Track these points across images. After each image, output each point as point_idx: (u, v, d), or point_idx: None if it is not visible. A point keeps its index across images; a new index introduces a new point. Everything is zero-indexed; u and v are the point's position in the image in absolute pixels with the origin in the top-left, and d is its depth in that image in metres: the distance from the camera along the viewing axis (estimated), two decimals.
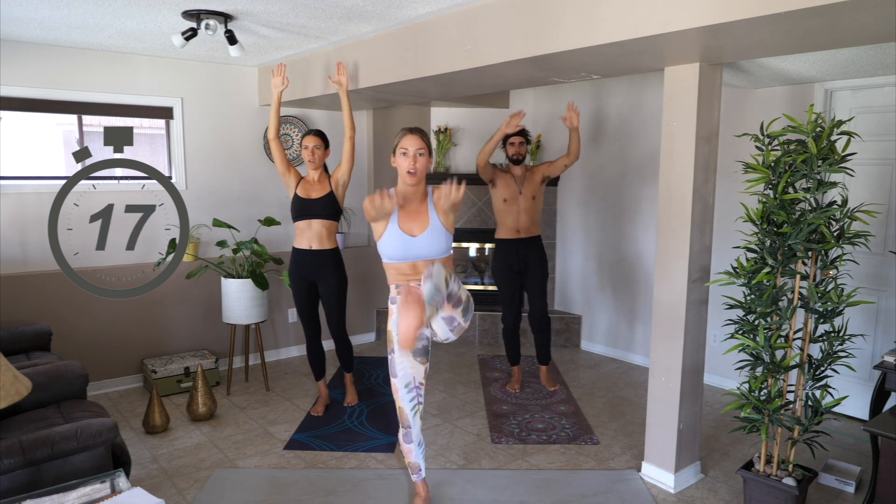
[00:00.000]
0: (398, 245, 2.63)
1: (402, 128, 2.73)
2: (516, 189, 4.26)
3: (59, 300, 4.23)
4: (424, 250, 2.64)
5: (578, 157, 4.24)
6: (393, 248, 2.64)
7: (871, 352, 3.87)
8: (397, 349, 2.74)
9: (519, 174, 4.29)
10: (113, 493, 2.03)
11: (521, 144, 4.26)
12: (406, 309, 2.41)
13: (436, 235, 2.64)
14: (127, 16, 3.42)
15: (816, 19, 2.08)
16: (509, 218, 4.29)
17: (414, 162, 2.63)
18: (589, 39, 2.60)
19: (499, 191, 4.27)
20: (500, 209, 4.32)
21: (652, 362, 3.23)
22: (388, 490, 3.14)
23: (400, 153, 2.65)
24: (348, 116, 3.83)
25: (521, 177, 4.29)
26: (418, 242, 2.63)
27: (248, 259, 4.43)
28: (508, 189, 4.26)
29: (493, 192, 4.31)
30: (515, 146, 4.26)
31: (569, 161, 4.21)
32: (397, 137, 2.70)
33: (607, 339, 5.45)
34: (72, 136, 4.49)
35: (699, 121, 2.92)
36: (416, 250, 2.63)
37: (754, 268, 2.73)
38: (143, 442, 3.67)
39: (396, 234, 2.63)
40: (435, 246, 2.64)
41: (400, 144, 2.66)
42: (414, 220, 2.65)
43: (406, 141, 2.65)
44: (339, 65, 3.82)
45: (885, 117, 3.75)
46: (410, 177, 2.63)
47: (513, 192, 4.26)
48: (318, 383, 4.19)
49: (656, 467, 3.23)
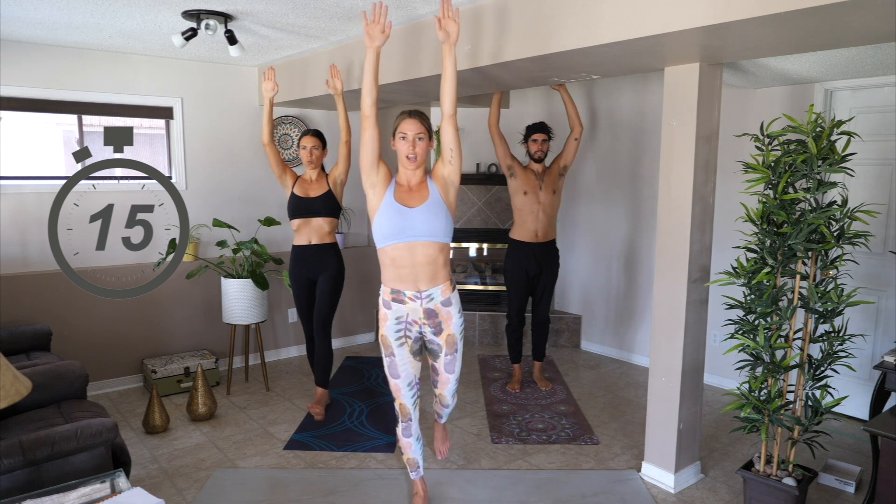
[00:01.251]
0: (393, 217, 2.54)
1: (401, 111, 2.65)
2: (537, 183, 4.19)
3: (59, 300, 4.23)
4: (421, 226, 2.55)
5: (582, 126, 4.17)
6: (387, 221, 2.55)
7: (871, 352, 3.87)
8: (398, 352, 2.72)
9: (539, 170, 4.25)
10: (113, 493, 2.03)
11: (544, 142, 4.20)
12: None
13: (434, 210, 2.56)
14: (127, 16, 3.42)
15: (816, 19, 2.08)
16: (529, 217, 4.21)
17: (413, 146, 2.56)
18: (589, 39, 2.59)
19: (518, 182, 4.19)
20: (519, 206, 4.23)
21: (652, 362, 3.23)
22: (388, 490, 3.14)
23: (399, 137, 2.60)
24: (344, 120, 3.80)
25: (542, 173, 4.25)
26: (414, 214, 2.54)
27: (248, 259, 4.43)
28: (528, 182, 4.18)
29: (512, 183, 4.22)
30: (538, 143, 4.19)
31: (576, 134, 4.16)
32: (396, 120, 2.62)
33: (607, 339, 5.45)
34: (72, 136, 4.49)
35: (699, 121, 2.92)
36: (413, 225, 2.54)
37: (754, 268, 2.73)
38: (143, 442, 3.67)
39: (391, 206, 2.55)
40: (433, 223, 2.55)
41: (399, 128, 2.60)
42: (411, 195, 2.59)
43: (405, 125, 2.58)
44: (332, 68, 3.78)
45: (885, 117, 3.75)
46: (410, 161, 2.58)
47: (533, 185, 4.18)
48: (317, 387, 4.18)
49: (656, 467, 3.23)
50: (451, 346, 2.74)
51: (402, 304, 2.65)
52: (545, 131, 4.22)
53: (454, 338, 2.73)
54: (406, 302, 2.64)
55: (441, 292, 2.66)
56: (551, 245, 4.34)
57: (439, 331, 2.71)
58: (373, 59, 2.53)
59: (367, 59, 2.53)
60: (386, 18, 2.52)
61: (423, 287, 2.62)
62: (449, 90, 2.53)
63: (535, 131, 4.21)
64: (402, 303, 2.65)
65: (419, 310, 2.65)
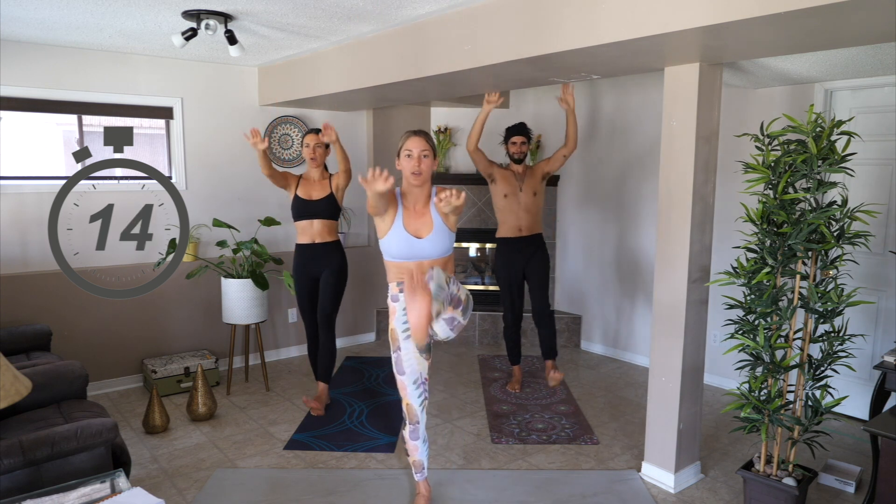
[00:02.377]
0: (403, 246, 2.66)
1: (406, 131, 2.76)
2: (517, 185, 4.23)
3: (59, 300, 4.23)
4: (429, 251, 2.67)
5: (576, 147, 4.20)
6: (397, 249, 2.67)
7: (871, 352, 3.87)
8: (404, 345, 2.75)
9: (519, 171, 4.27)
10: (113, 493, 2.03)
11: (523, 144, 4.24)
12: (413, 299, 2.36)
13: (440, 237, 2.67)
14: (127, 16, 3.42)
15: (816, 19, 2.08)
16: (510, 216, 4.26)
17: (419, 163, 2.64)
18: (589, 39, 2.59)
19: (498, 187, 4.24)
20: (500, 207, 4.29)
21: (652, 362, 3.23)
22: (389, 490, 3.14)
23: (405, 155, 2.67)
24: (342, 160, 3.89)
25: (522, 174, 4.27)
26: (424, 244, 2.66)
27: (248, 259, 4.43)
28: (508, 185, 4.22)
29: (493, 188, 4.28)
30: (517, 145, 4.24)
31: (567, 151, 4.17)
32: (401, 140, 2.73)
33: (607, 339, 5.45)
34: (72, 136, 4.49)
35: (699, 121, 2.93)
36: (421, 251, 2.66)
37: (754, 268, 2.73)
38: (143, 442, 3.67)
39: (402, 236, 2.65)
40: (440, 246, 2.68)
41: (404, 146, 2.69)
42: (419, 222, 2.67)
43: (410, 143, 2.67)
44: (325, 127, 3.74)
45: (885, 117, 3.75)
46: (415, 178, 2.65)
47: (513, 187, 4.22)
48: (319, 382, 4.19)
49: (656, 467, 3.23)
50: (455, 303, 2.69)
51: None
52: (524, 133, 4.25)
53: (458, 298, 2.65)
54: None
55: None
56: (537, 238, 4.34)
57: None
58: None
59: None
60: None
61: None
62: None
63: (515, 133, 4.24)
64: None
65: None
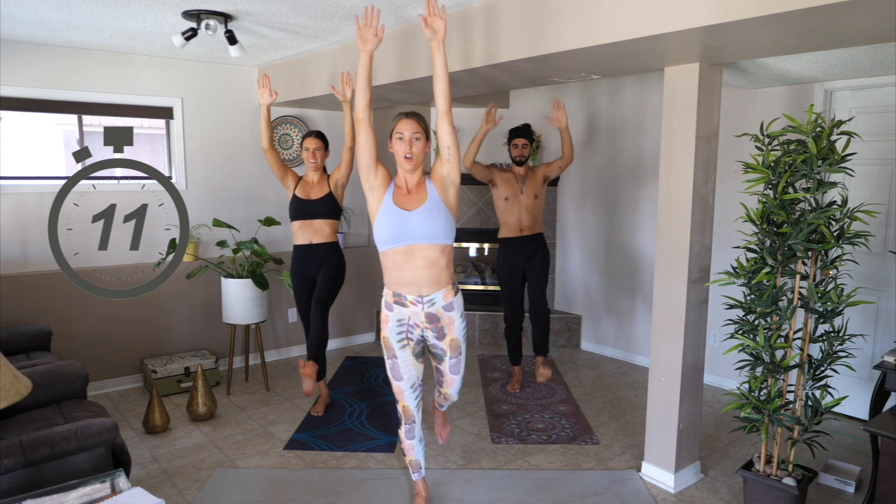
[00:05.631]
0: (392, 221, 2.54)
1: (398, 112, 2.64)
2: (517, 187, 4.25)
3: (59, 300, 4.23)
4: (419, 229, 2.53)
5: (573, 159, 4.23)
6: (386, 225, 2.55)
7: (871, 352, 3.87)
8: (400, 354, 2.70)
9: (521, 173, 4.28)
10: (113, 493, 2.03)
11: (525, 146, 4.25)
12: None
13: (433, 212, 2.54)
14: (127, 16, 3.42)
15: (816, 19, 2.08)
16: (511, 217, 4.27)
17: (410, 146, 2.55)
18: (589, 39, 2.59)
19: (500, 190, 4.27)
20: (501, 208, 4.31)
21: (652, 362, 3.23)
22: (388, 490, 3.14)
23: (396, 138, 2.58)
24: (350, 126, 3.77)
25: (523, 175, 4.28)
26: (413, 217, 2.53)
27: (248, 259, 4.43)
28: (510, 187, 4.24)
29: (495, 191, 4.30)
30: (519, 148, 4.24)
31: (563, 163, 4.22)
32: (393, 121, 2.61)
33: (607, 338, 5.45)
34: (72, 136, 4.49)
35: (699, 121, 2.93)
36: (411, 229, 2.53)
37: (754, 268, 2.73)
38: (143, 442, 3.67)
39: (390, 209, 2.55)
40: (432, 225, 2.54)
41: (395, 129, 2.59)
42: (411, 198, 2.58)
43: (401, 125, 2.57)
44: (344, 75, 3.71)
45: (884, 117, 3.75)
46: (407, 161, 2.56)
47: (514, 190, 4.24)
48: (319, 383, 4.19)
49: (656, 467, 3.23)
50: (454, 350, 2.73)
51: (404, 308, 2.64)
52: (527, 136, 4.26)
53: (457, 342, 2.72)
54: (408, 305, 2.63)
55: (443, 297, 2.63)
56: (538, 238, 4.36)
57: (442, 335, 2.69)
58: (366, 63, 2.53)
59: (361, 62, 2.53)
60: (378, 22, 2.53)
61: (425, 291, 2.60)
62: (442, 87, 2.50)
63: (517, 136, 4.25)
64: (403, 306, 2.64)
65: (421, 314, 2.64)
